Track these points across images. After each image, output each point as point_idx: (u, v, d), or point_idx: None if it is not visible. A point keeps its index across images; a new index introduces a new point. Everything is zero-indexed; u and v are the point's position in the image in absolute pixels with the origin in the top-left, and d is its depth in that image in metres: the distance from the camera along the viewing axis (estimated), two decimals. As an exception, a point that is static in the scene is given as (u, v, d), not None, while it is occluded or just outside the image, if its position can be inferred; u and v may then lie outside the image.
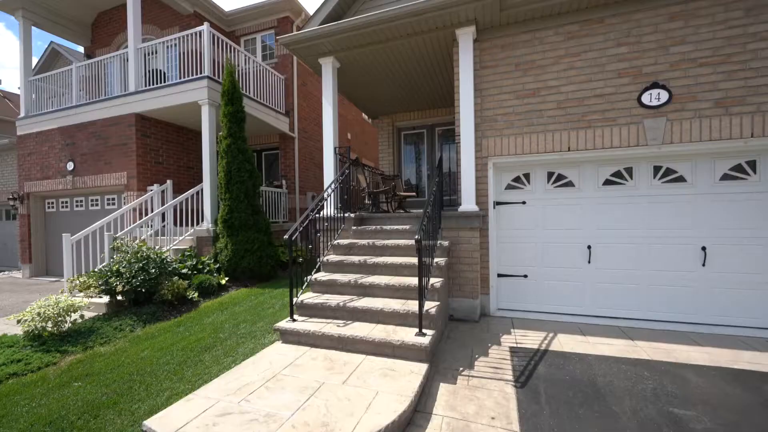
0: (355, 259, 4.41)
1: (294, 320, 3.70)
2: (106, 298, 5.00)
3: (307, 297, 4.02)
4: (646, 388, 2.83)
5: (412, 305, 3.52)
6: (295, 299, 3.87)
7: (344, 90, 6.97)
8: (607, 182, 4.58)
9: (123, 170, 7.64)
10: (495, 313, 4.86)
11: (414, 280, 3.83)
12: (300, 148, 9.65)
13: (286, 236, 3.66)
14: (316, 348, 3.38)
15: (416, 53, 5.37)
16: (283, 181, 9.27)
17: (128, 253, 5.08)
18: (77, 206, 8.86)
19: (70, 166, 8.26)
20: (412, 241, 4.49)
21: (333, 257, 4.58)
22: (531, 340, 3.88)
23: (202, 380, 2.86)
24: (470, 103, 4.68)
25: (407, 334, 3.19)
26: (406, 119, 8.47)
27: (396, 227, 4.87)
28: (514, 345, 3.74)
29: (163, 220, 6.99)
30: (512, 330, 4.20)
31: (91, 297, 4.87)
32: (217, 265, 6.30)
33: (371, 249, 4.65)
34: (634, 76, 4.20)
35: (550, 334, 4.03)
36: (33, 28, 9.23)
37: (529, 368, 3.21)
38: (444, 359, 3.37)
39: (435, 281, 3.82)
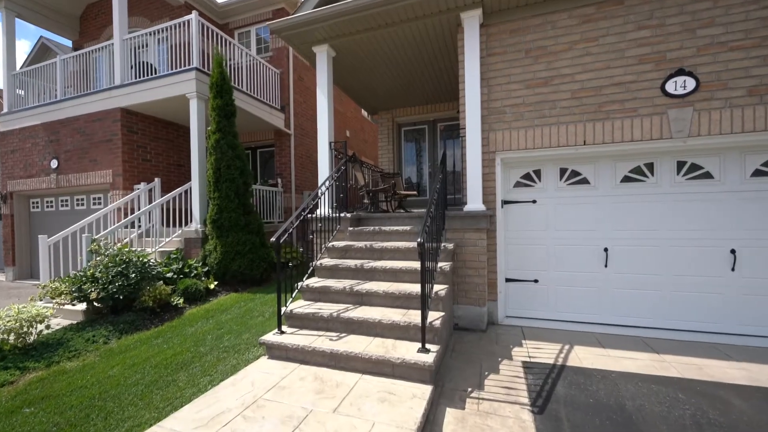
0: (351, 263, 4.04)
1: (282, 332, 3.33)
2: (82, 306, 4.62)
3: (298, 306, 3.64)
4: (684, 415, 2.45)
5: (414, 316, 3.14)
6: (284, 308, 3.50)
7: (341, 82, 6.59)
8: (626, 179, 4.21)
9: (108, 168, 7.25)
10: (503, 321, 4.48)
11: (416, 288, 3.46)
12: (296, 145, 9.28)
13: (273, 239, 3.28)
14: (305, 365, 3.00)
15: (417, 40, 4.99)
16: (279, 180, 8.89)
17: (107, 256, 4.70)
18: (62, 206, 8.47)
19: (53, 163, 7.87)
20: (413, 244, 4.12)
21: (327, 261, 4.21)
22: (545, 353, 3.50)
23: (171, 406, 2.48)
24: (476, 94, 4.30)
25: (408, 351, 2.81)
26: (406, 114, 8.09)
27: (396, 228, 4.49)
28: (527, 359, 3.36)
29: (151, 220, 6.62)
30: (523, 341, 3.82)
31: (64, 304, 4.48)
32: (206, 268, 5.92)
33: (369, 252, 4.27)
34: (657, 63, 3.82)
35: (566, 346, 3.65)
36: (19, 20, 8.84)
37: (546, 388, 2.83)
38: (450, 377, 2.99)
39: (439, 288, 3.44)
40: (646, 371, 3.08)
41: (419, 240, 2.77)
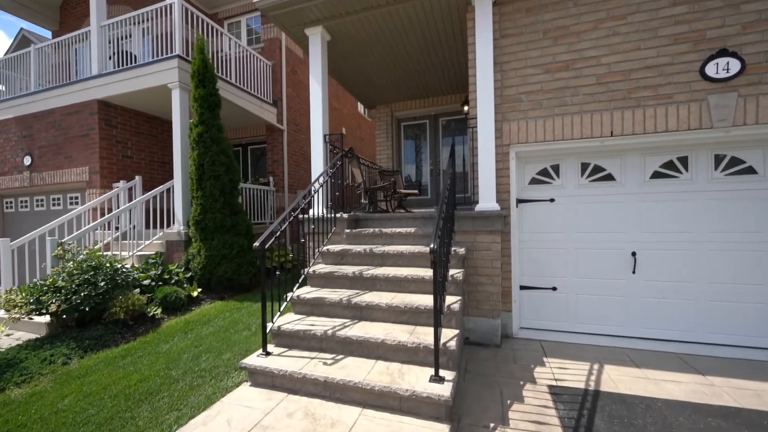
0: (349, 270, 3.55)
1: (267, 354, 2.83)
2: (45, 318, 4.09)
3: (287, 321, 3.14)
4: (760, 461, 1.99)
5: (424, 335, 2.66)
6: (271, 324, 3.00)
7: (336, 72, 6.09)
8: (656, 175, 3.76)
9: (85, 165, 6.69)
10: (518, 334, 4.02)
11: (424, 300, 2.98)
12: (289, 141, 8.76)
13: (257, 243, 2.79)
14: (294, 395, 2.51)
15: (420, 21, 4.51)
16: (271, 178, 8.37)
17: (74, 261, 4.17)
18: (38, 206, 7.88)
19: (27, 160, 7.29)
20: (419, 248, 3.63)
21: (321, 268, 3.71)
22: (573, 374, 3.04)
23: (123, 457, 1.97)
24: (489, 79, 3.83)
25: (419, 380, 2.33)
26: (406, 108, 7.61)
27: (398, 230, 4.00)
28: (554, 383, 2.89)
29: (132, 221, 6.09)
30: (545, 359, 3.35)
31: (19, 318, 3.94)
32: (189, 273, 5.40)
33: (369, 257, 3.78)
34: (695, 42, 3.37)
35: (595, 366, 3.19)
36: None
37: (583, 423, 2.36)
38: (467, 409, 2.51)
39: (452, 301, 2.97)
40: (695, 398, 2.62)
41: (432, 246, 2.29)
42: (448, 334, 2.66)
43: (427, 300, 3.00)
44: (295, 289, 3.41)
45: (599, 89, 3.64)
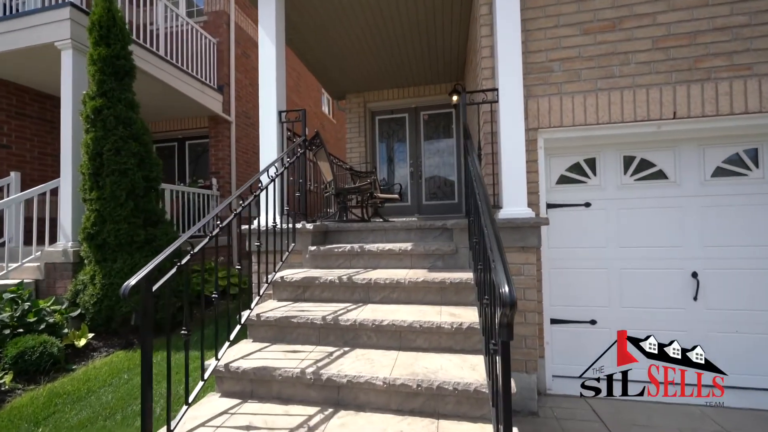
0: (316, 312, 2.23)
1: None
2: None
3: (207, 414, 1.75)
4: None
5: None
6: (177, 422, 1.60)
7: (297, 45, 4.79)
8: (719, 172, 2.92)
9: (-69, 155, 4.72)
10: (551, 388, 2.93)
11: (444, 364, 1.76)
12: (239, 136, 7.24)
13: (132, 281, 1.43)
14: None
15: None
16: (214, 180, 6.77)
17: None
18: None
19: None
20: (421, 273, 2.42)
21: (271, 308, 2.36)
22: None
23: None
24: (514, 35, 2.76)
25: None
26: (381, 99, 6.46)
27: (387, 247, 2.77)
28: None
29: (5, 235, 4.27)
30: (613, 438, 2.27)
31: None
32: (77, 311, 3.73)
33: (346, 290, 2.49)
34: (779, -2, 2.59)
35: (689, 448, 2.15)
36: None
37: None
38: None
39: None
40: None
41: (483, 299, 1.08)
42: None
43: (449, 365, 1.79)
44: (222, 349, 2.01)
45: (657, 56, 2.73)
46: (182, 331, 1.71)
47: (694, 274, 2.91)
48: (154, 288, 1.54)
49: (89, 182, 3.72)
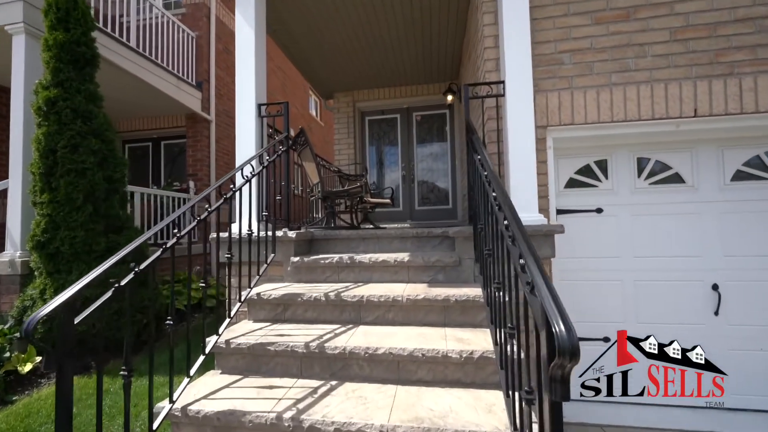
0: (298, 339, 1.87)
1: None
2: None
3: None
4: None
5: None
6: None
7: (280, 35, 4.44)
8: (739, 176, 2.70)
9: None
10: (566, 416, 2.62)
11: (455, 407, 1.43)
12: (219, 137, 6.81)
13: (42, 312, 1.05)
14: None
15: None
16: (191, 183, 6.31)
17: None
18: None
19: None
20: (421, 289, 2.09)
21: (245, 331, 1.99)
22: None
23: None
24: (523, 21, 2.50)
25: None
26: (371, 99, 6.16)
27: (381, 257, 2.43)
28: None
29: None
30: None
31: None
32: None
33: (335, 309, 2.14)
34: (805, -12, 2.40)
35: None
36: None
37: None
38: None
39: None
40: None
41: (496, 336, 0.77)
42: None
43: (460, 405, 1.46)
44: (178, 390, 1.63)
45: (675, 48, 2.50)
46: (121, 372, 1.33)
47: (715, 287, 2.67)
48: (77, 320, 1.16)
49: (40, 183, 3.26)
